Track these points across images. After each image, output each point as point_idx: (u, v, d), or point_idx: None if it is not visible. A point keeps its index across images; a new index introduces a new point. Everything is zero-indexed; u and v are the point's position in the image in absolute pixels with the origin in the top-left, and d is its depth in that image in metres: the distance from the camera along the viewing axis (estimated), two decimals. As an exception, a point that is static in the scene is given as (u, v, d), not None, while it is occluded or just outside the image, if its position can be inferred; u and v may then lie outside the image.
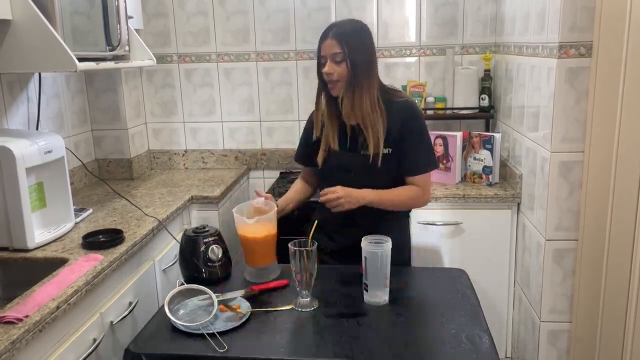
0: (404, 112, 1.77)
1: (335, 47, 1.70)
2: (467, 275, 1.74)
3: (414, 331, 1.39)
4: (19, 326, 1.26)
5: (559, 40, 1.90)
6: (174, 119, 3.06)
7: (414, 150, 1.77)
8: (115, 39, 2.09)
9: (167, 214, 2.15)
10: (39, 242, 1.78)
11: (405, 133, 1.76)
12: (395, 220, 1.88)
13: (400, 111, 1.77)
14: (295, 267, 1.50)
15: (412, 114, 1.78)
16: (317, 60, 1.78)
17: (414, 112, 1.79)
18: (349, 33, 1.73)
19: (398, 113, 1.77)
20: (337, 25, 1.75)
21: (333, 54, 1.71)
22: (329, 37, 1.72)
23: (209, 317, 1.43)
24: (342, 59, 1.71)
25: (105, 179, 2.68)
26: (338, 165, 1.83)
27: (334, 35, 1.71)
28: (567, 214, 2.04)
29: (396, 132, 1.76)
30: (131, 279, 1.86)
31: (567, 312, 2.12)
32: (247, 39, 2.93)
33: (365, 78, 1.73)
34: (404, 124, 1.76)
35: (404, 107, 1.78)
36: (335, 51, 1.70)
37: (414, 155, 1.78)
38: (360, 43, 1.74)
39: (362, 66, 1.72)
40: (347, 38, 1.71)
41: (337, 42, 1.70)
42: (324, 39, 1.73)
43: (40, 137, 1.82)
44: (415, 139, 1.78)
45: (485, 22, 2.80)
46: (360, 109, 1.74)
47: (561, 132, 1.97)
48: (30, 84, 2.24)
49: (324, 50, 1.73)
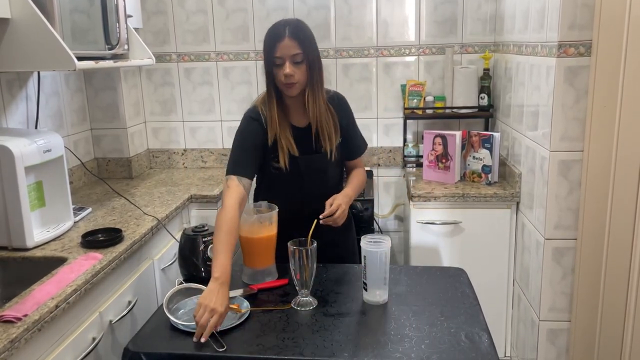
0: (341, 104, 1.88)
1: (294, 47, 1.65)
2: (466, 274, 1.74)
3: (413, 330, 1.39)
4: (18, 325, 1.26)
5: (558, 39, 1.90)
6: (173, 117, 3.06)
7: (354, 135, 1.93)
8: (115, 37, 2.09)
9: (166, 213, 2.15)
10: (38, 241, 1.77)
11: (347, 122, 1.88)
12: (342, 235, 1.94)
13: (338, 103, 1.87)
14: (294, 266, 1.50)
15: (346, 104, 1.90)
16: (268, 61, 1.70)
17: (345, 100, 1.91)
18: (304, 31, 1.70)
19: (338, 105, 1.86)
20: (287, 24, 1.69)
21: (293, 55, 1.66)
22: (286, 36, 1.65)
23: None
24: (302, 60, 1.67)
25: (104, 178, 2.68)
26: (309, 168, 1.81)
27: (292, 35, 1.66)
28: (566, 212, 2.04)
29: (343, 122, 1.86)
30: (130, 278, 1.85)
31: (567, 311, 2.12)
32: (247, 38, 2.93)
33: (319, 77, 1.75)
34: (344, 113, 1.87)
35: (339, 100, 1.88)
36: (296, 52, 1.66)
37: (356, 140, 1.94)
38: (312, 40, 1.73)
39: (317, 65, 1.73)
40: (303, 37, 1.68)
41: (296, 43, 1.66)
42: (280, 39, 1.65)
43: (40, 136, 1.82)
44: (353, 126, 1.92)
45: (485, 20, 2.80)
46: (318, 108, 1.76)
47: (560, 131, 1.97)
48: (29, 83, 2.24)
49: (281, 51, 1.66)
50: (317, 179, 1.83)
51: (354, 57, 2.88)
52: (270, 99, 1.76)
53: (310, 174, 1.82)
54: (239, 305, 1.51)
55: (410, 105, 2.82)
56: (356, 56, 2.89)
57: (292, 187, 1.82)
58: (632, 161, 1.68)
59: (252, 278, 1.68)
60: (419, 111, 2.81)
